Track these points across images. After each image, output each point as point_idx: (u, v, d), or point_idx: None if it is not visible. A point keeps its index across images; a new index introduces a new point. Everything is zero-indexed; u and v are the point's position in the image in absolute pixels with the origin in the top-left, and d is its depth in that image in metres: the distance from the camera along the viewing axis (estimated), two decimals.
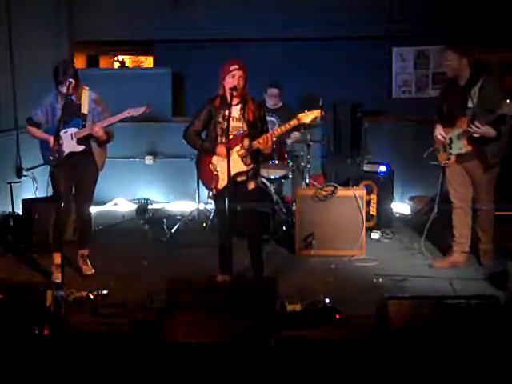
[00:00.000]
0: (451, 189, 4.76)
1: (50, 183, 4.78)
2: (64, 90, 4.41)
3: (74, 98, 4.58)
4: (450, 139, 4.57)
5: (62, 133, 4.45)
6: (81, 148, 4.60)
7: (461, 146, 4.50)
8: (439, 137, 4.64)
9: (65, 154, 4.54)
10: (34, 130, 4.69)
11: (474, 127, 4.25)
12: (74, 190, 4.76)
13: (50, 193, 5.29)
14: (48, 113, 4.61)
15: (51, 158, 4.47)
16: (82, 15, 7.37)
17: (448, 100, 4.63)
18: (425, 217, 6.40)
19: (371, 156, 6.60)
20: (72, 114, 4.52)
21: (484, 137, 4.30)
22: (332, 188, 5.32)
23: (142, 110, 4.53)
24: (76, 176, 4.68)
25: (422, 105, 7.07)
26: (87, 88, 4.65)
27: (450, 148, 4.59)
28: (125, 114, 4.51)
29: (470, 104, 4.42)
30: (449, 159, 4.63)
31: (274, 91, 6.21)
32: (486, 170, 4.49)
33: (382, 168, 6.11)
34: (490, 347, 3.13)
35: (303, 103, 6.95)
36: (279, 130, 4.21)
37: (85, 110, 4.59)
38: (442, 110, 4.70)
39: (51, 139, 4.44)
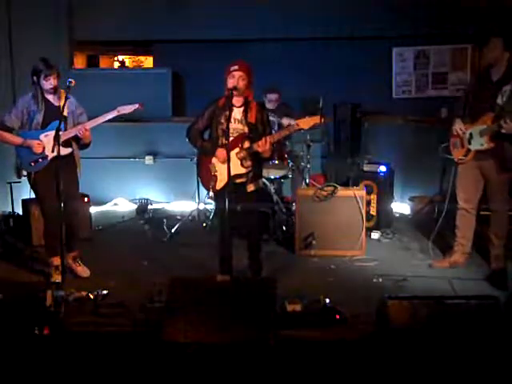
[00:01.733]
0: (460, 188, 4.66)
1: (34, 190, 4.55)
2: (51, 83, 4.32)
3: (52, 100, 4.48)
4: (471, 134, 4.45)
5: (42, 136, 4.39)
6: (68, 151, 4.45)
7: (482, 142, 4.37)
8: (459, 131, 4.52)
9: (49, 158, 4.36)
10: (6, 134, 4.45)
11: (503, 123, 4.14)
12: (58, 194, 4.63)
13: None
14: (23, 116, 4.43)
15: (32, 164, 4.39)
16: (81, 15, 7.36)
17: (476, 94, 4.49)
18: (425, 217, 6.44)
19: (371, 156, 6.61)
20: (51, 117, 4.37)
21: (509, 135, 4.20)
22: (332, 188, 5.32)
23: (132, 107, 4.41)
24: (60, 180, 4.52)
25: (422, 105, 7.09)
26: (63, 91, 4.46)
27: (469, 144, 4.47)
28: (114, 113, 4.41)
29: (499, 100, 4.29)
30: (466, 155, 4.51)
31: (274, 96, 6.30)
32: (502, 171, 4.38)
33: (382, 168, 6.10)
34: (490, 347, 3.13)
35: (303, 103, 6.98)
36: (277, 134, 4.20)
37: (65, 111, 4.41)
38: (465, 105, 4.57)
39: (34, 143, 4.38)
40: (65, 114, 4.42)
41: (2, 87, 6.05)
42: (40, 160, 4.42)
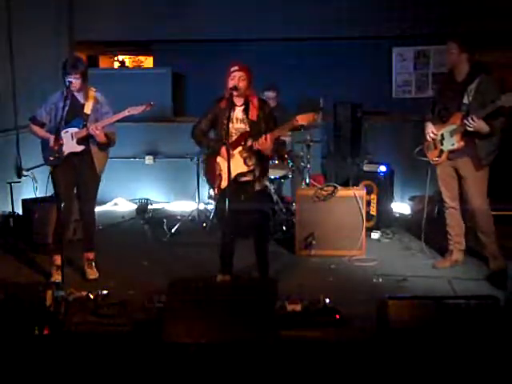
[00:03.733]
0: (443, 188, 4.78)
1: (52, 184, 4.69)
2: (70, 81, 4.37)
3: (79, 97, 4.54)
4: (442, 135, 4.57)
5: (63, 133, 4.43)
6: (80, 148, 4.53)
7: (453, 142, 4.49)
8: (431, 134, 4.63)
9: (65, 154, 4.48)
10: (36, 128, 4.60)
11: (469, 120, 4.25)
12: (76, 191, 4.70)
13: (50, 193, 5.28)
14: (52, 112, 4.54)
15: (51, 158, 4.44)
16: (82, 15, 7.37)
17: (443, 96, 4.63)
18: (425, 217, 6.43)
19: (371, 156, 6.60)
20: (74, 114, 4.48)
21: (477, 132, 4.30)
22: (332, 188, 5.32)
23: (141, 108, 4.47)
24: (77, 177, 4.62)
25: (422, 105, 7.08)
26: (94, 89, 4.60)
27: (442, 144, 4.59)
28: (124, 113, 4.47)
29: (465, 100, 4.41)
30: (439, 156, 4.63)
31: (271, 94, 6.18)
32: (477, 168, 4.47)
33: (382, 168, 6.11)
34: (490, 347, 3.13)
35: (303, 104, 6.96)
36: (277, 131, 4.20)
37: (88, 110, 4.52)
38: (433, 107, 4.71)
39: (51, 138, 4.44)
40: (87, 112, 4.52)
41: (2, 87, 6.04)
42: (57, 155, 4.44)
